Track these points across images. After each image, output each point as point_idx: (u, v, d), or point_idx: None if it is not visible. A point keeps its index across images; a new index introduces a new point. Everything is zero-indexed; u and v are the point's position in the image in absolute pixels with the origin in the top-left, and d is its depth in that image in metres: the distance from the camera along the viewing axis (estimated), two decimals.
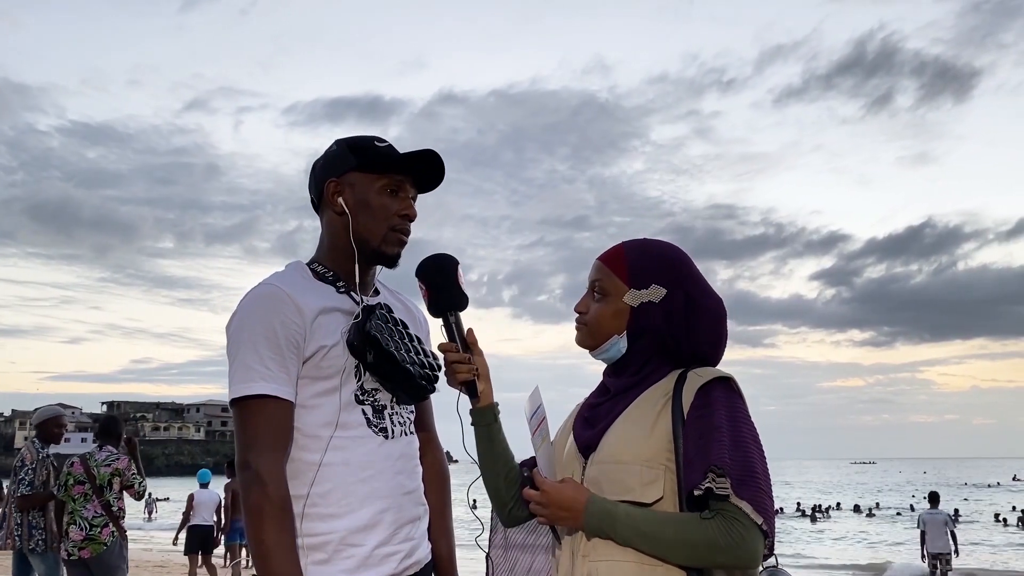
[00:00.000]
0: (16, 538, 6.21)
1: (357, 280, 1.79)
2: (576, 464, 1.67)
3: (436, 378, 1.84)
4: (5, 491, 11.00)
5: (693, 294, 1.67)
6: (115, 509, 5.94)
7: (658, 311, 1.65)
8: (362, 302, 1.78)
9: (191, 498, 11.14)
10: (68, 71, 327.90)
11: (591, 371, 1.76)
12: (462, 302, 1.81)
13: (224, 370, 1.71)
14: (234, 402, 1.66)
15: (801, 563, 19.44)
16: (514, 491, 1.82)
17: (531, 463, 1.80)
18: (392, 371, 1.75)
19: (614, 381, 1.70)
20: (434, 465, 1.95)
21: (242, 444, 1.64)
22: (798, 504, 41.84)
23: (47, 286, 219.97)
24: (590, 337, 1.70)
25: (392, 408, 1.80)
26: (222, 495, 11.30)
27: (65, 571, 6.11)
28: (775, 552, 1.60)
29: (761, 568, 1.59)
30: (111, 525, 5.85)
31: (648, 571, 1.52)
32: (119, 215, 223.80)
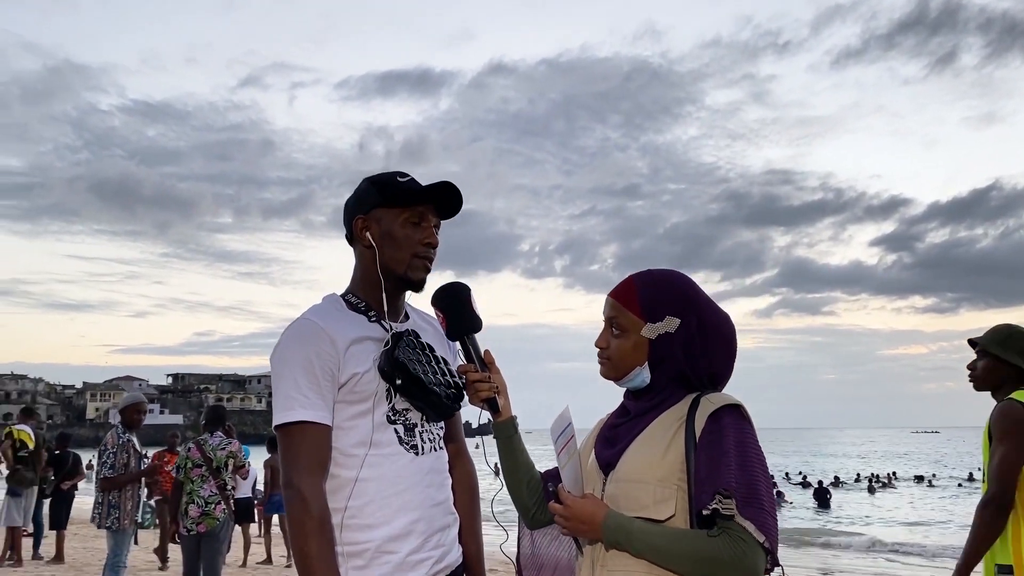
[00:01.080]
0: (97, 516, 6.62)
1: (385, 308, 1.94)
2: (597, 480, 1.79)
3: (461, 396, 1.98)
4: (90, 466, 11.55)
5: (705, 319, 1.78)
6: (229, 488, 6.56)
7: (675, 340, 1.76)
8: (391, 330, 1.93)
9: None
10: (127, 51, 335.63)
11: None
12: (477, 325, 1.97)
13: None
14: (277, 428, 1.83)
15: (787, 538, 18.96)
16: (536, 497, 1.98)
17: (553, 474, 1.93)
18: (420, 393, 1.89)
19: (633, 404, 1.82)
20: (463, 475, 2.10)
21: (286, 465, 1.81)
22: (858, 475, 41.40)
23: (113, 262, 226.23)
24: (613, 371, 1.82)
25: (422, 426, 1.95)
26: (260, 471, 11.80)
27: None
28: (780, 563, 1.70)
29: None
30: (223, 504, 6.44)
31: None
32: (179, 191, 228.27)
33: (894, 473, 42.78)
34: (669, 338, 1.76)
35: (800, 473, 41.49)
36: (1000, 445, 2.97)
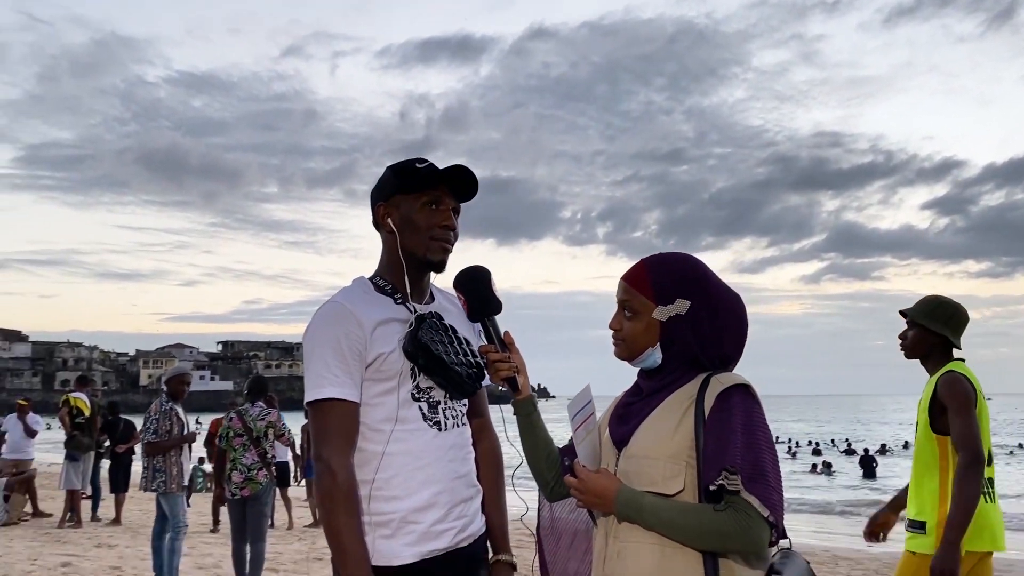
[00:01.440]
0: (143, 480, 6.95)
1: (408, 290, 2.04)
2: (611, 456, 1.88)
3: (483, 375, 2.07)
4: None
5: (715, 301, 1.84)
6: (269, 456, 6.86)
7: (686, 322, 1.82)
8: (415, 311, 2.03)
9: None
10: (172, 22, 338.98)
11: None
12: (497, 307, 2.07)
13: None
14: (308, 404, 1.94)
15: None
16: (555, 471, 2.08)
17: (570, 449, 2.02)
18: (442, 372, 1.99)
19: (646, 383, 1.90)
20: (488, 449, 2.20)
21: (316, 440, 1.93)
22: (906, 443, 40.91)
23: (162, 232, 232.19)
24: (626, 352, 1.89)
25: (445, 403, 2.05)
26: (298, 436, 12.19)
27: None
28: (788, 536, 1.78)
29: (776, 550, 1.80)
30: (264, 470, 6.76)
31: (669, 553, 1.73)
32: (225, 162, 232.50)
33: None
34: (680, 320, 1.82)
35: (846, 440, 41.19)
36: (957, 415, 3.17)
